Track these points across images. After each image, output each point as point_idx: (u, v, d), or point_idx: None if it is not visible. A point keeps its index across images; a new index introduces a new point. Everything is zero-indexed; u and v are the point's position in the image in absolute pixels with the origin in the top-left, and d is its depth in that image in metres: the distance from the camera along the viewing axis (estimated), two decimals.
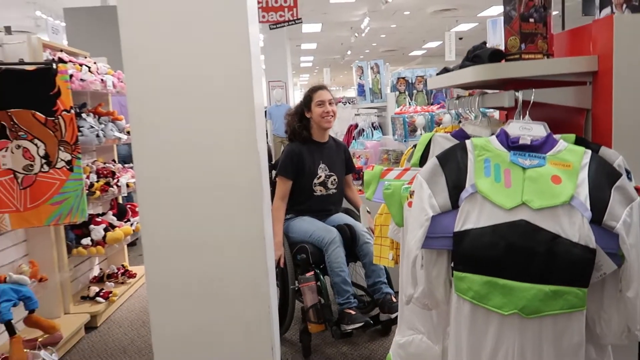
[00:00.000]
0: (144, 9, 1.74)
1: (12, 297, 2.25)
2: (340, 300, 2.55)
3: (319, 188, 2.81)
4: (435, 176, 1.35)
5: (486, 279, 1.25)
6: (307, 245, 2.65)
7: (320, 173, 2.81)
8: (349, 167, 2.99)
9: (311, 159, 2.80)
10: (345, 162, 2.96)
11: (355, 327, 2.45)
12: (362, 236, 2.68)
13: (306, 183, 2.79)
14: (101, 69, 3.37)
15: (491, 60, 1.43)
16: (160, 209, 1.82)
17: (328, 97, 2.81)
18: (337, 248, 2.57)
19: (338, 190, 2.87)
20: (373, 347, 2.69)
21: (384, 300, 2.58)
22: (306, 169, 2.78)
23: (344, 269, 2.56)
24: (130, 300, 3.58)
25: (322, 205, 2.84)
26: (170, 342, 1.88)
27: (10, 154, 2.60)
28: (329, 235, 2.61)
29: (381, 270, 2.65)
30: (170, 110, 1.78)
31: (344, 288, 2.54)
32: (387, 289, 2.62)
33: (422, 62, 20.87)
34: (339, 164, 2.90)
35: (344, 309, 2.52)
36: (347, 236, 2.66)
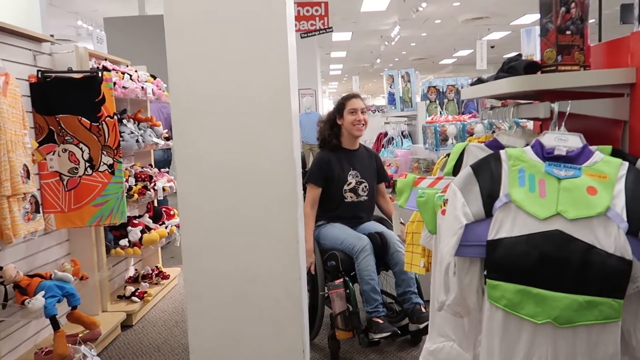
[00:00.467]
0: (189, 21, 1.82)
1: (57, 293, 2.36)
2: (368, 308, 2.57)
3: (349, 194, 2.84)
4: (469, 185, 1.38)
5: (519, 287, 1.27)
6: (338, 253, 2.67)
7: (351, 180, 2.84)
8: (381, 176, 3.02)
9: (341, 166, 2.84)
10: (377, 170, 2.98)
11: (382, 336, 2.46)
12: (394, 244, 2.68)
13: (336, 189, 2.82)
14: (141, 76, 3.50)
15: (527, 72, 1.45)
16: (199, 213, 1.90)
17: (361, 105, 2.85)
18: (367, 256, 2.59)
19: (369, 197, 2.89)
20: (402, 355, 2.70)
21: (413, 310, 2.58)
22: (335, 176, 2.81)
23: (373, 277, 2.58)
24: (164, 301, 3.69)
25: (353, 211, 2.86)
26: (205, 341, 1.95)
27: (57, 157, 2.73)
28: (359, 243, 2.63)
29: (411, 279, 2.65)
30: (211, 117, 1.86)
31: (372, 297, 2.56)
32: (417, 298, 2.62)
33: (453, 71, 20.72)
34: (371, 171, 2.93)
35: (372, 318, 2.53)
36: (378, 244, 2.67)
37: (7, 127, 2.17)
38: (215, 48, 1.83)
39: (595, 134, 1.51)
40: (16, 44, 2.59)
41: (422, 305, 2.59)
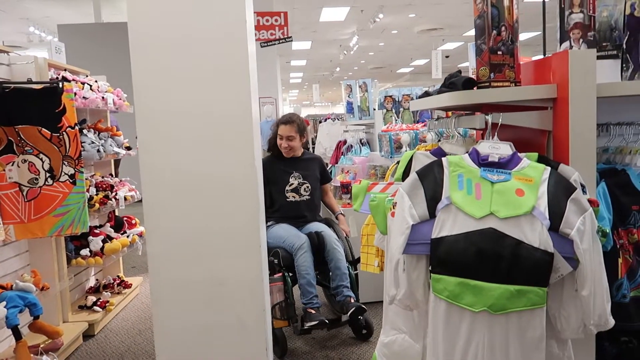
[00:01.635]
0: (151, 34, 1.91)
1: (18, 303, 2.36)
2: (304, 300, 2.82)
3: (291, 194, 3.15)
4: (415, 189, 1.53)
5: (459, 280, 1.42)
6: (280, 250, 2.93)
7: (293, 181, 3.17)
8: (324, 177, 3.36)
9: (283, 170, 3.17)
10: (320, 172, 3.32)
11: (312, 324, 2.70)
12: (330, 243, 2.96)
13: (277, 190, 3.14)
14: (101, 87, 3.52)
15: (465, 87, 1.61)
16: (163, 221, 1.97)
17: (286, 133, 3.16)
18: (304, 253, 2.86)
19: (312, 196, 3.20)
20: (360, 352, 2.84)
21: (344, 301, 2.84)
22: (276, 178, 3.13)
23: (309, 272, 2.84)
24: (126, 310, 3.69)
25: (296, 210, 3.15)
26: (171, 342, 2.01)
27: (17, 167, 2.72)
28: (298, 241, 2.90)
29: (344, 274, 2.92)
30: (174, 127, 1.95)
31: (308, 289, 2.82)
32: (348, 291, 2.88)
33: (410, 79, 21.29)
34: (313, 174, 3.25)
35: (306, 308, 2.79)
36: (315, 243, 2.96)
37: None
38: (177, 60, 1.92)
39: (524, 142, 1.70)
40: None
41: (352, 297, 2.86)
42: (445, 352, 1.47)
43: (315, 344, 2.97)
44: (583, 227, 1.37)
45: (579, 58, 1.50)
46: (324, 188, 3.38)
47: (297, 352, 2.89)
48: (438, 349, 1.48)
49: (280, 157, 3.23)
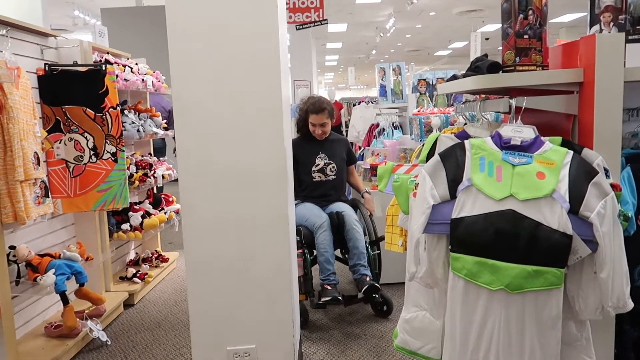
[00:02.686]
0: (188, 22, 1.99)
1: (66, 271, 2.55)
2: (321, 276, 2.93)
3: (317, 175, 3.25)
4: (437, 171, 1.57)
5: (477, 259, 1.46)
6: (302, 228, 3.04)
7: (319, 162, 3.25)
8: (350, 159, 3.44)
9: (310, 150, 3.26)
10: (347, 154, 3.39)
11: (326, 299, 2.80)
12: (350, 223, 3.05)
13: (304, 171, 3.22)
14: (141, 69, 3.66)
15: (489, 72, 1.63)
16: (198, 199, 2.08)
17: (320, 121, 3.24)
18: (324, 232, 2.98)
19: (337, 176, 3.29)
20: (378, 327, 2.92)
21: (359, 279, 2.94)
22: (303, 159, 3.20)
23: (327, 250, 2.94)
24: (163, 282, 3.89)
25: (322, 190, 3.25)
26: (204, 315, 2.14)
27: (64, 145, 2.90)
28: (319, 220, 3.01)
29: (362, 254, 3.00)
30: (209, 111, 2.04)
31: (325, 266, 2.92)
32: (365, 270, 2.97)
33: (448, 62, 20.85)
34: (339, 154, 3.33)
35: (323, 284, 2.89)
36: (335, 222, 3.06)
37: (20, 117, 2.35)
38: (210, 45, 2.00)
39: (550, 126, 1.71)
40: (25, 39, 2.76)
41: (368, 276, 2.93)
42: (462, 328, 1.52)
43: (336, 318, 3.08)
44: (604, 211, 1.39)
45: (606, 42, 1.50)
46: (350, 169, 3.47)
47: (317, 324, 2.99)
48: (455, 326, 1.54)
49: (308, 138, 3.31)
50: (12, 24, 2.52)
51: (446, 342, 1.60)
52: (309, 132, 3.30)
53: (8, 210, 2.31)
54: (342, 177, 3.35)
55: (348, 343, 2.74)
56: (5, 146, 2.30)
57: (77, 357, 2.68)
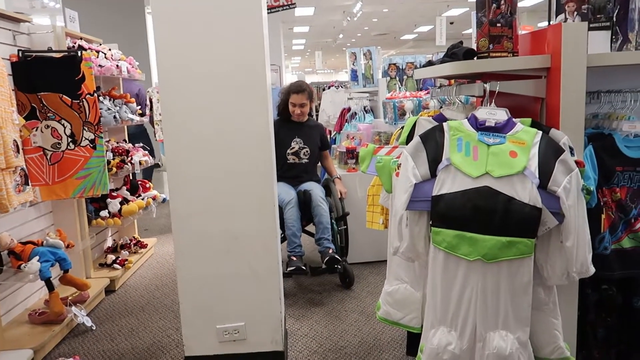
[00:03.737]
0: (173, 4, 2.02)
1: (50, 258, 2.56)
2: (288, 248, 3.17)
3: (291, 157, 3.46)
4: (418, 151, 1.68)
5: (456, 232, 1.59)
6: None
7: (294, 145, 3.46)
8: (324, 144, 3.64)
9: (287, 134, 3.44)
10: (320, 139, 3.60)
11: (292, 269, 3.04)
12: (316, 200, 3.27)
13: (280, 152, 3.35)
14: (115, 55, 3.63)
15: (465, 58, 1.74)
16: (185, 180, 2.13)
17: (299, 101, 3.44)
18: (291, 208, 3.22)
19: (310, 161, 3.51)
20: (341, 296, 3.07)
21: (323, 252, 3.18)
22: (279, 141, 3.28)
23: (294, 225, 3.19)
24: (143, 268, 3.91)
25: (295, 172, 3.47)
26: (193, 290, 2.21)
27: (40, 133, 2.87)
28: (287, 197, 3.25)
29: (326, 229, 3.24)
30: (196, 92, 2.08)
31: (292, 239, 3.17)
32: (329, 243, 3.20)
33: (414, 46, 21.08)
34: (314, 140, 3.53)
35: (290, 256, 3.13)
36: (302, 199, 3.30)
37: None
38: (197, 28, 2.03)
39: (520, 108, 1.84)
40: None
41: (331, 249, 3.18)
42: (442, 296, 1.65)
43: (316, 296, 3.24)
44: (569, 186, 1.52)
45: (571, 30, 1.63)
46: (324, 154, 3.67)
47: (298, 302, 3.14)
48: (436, 295, 1.67)
49: (286, 121, 3.50)
50: None
51: (427, 310, 1.72)
52: (288, 115, 3.48)
53: None
54: (314, 161, 3.56)
55: (330, 319, 2.86)
56: None
57: (63, 342, 2.70)
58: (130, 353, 2.58)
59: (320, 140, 3.60)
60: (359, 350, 2.51)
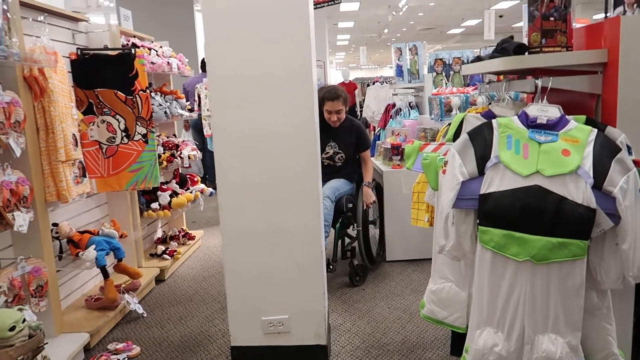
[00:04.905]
0: (223, 6, 2.07)
1: (105, 247, 2.69)
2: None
3: (326, 161, 3.44)
4: (465, 148, 1.65)
5: (505, 232, 1.55)
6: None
7: (329, 150, 3.44)
8: (361, 145, 3.52)
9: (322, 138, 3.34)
10: (357, 140, 3.48)
11: None
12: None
13: None
14: (165, 52, 3.74)
15: (516, 53, 1.70)
16: (233, 175, 2.19)
17: (335, 108, 3.37)
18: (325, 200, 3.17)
19: (344, 164, 3.47)
20: (407, 301, 3.04)
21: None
22: None
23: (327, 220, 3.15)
24: (191, 259, 4.04)
25: (328, 172, 3.39)
26: (239, 283, 2.26)
27: (97, 127, 3.01)
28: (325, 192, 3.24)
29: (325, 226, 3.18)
30: (244, 90, 2.13)
31: None
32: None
33: (460, 40, 20.59)
34: (349, 143, 3.45)
35: None
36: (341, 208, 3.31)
37: (59, 101, 2.46)
38: (246, 25, 2.08)
39: (574, 105, 1.78)
40: (57, 24, 2.85)
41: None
42: (489, 297, 1.62)
43: (345, 283, 3.32)
44: (626, 186, 1.46)
45: (631, 24, 1.56)
46: (362, 156, 3.54)
47: (341, 297, 3.12)
48: (483, 295, 1.64)
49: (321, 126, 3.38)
50: (47, 10, 2.61)
51: (473, 310, 1.70)
52: (323, 119, 3.38)
53: (51, 190, 2.44)
54: (348, 164, 3.50)
55: (372, 315, 2.86)
56: (47, 128, 2.41)
57: (116, 327, 2.84)
58: (179, 340, 2.68)
59: (357, 141, 3.48)
60: (402, 348, 2.51)
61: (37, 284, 2.29)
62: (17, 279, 2.19)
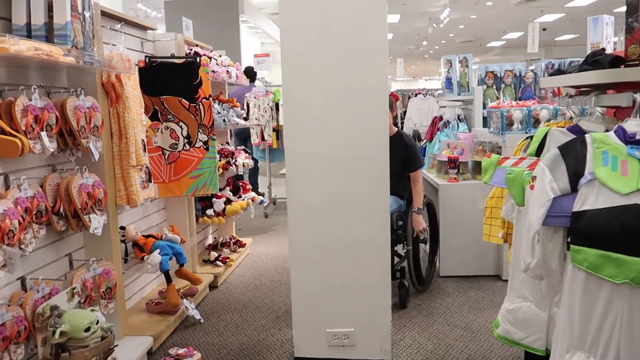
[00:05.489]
0: (301, 21, 2.08)
1: (168, 252, 2.72)
2: None
3: None
4: (556, 164, 1.60)
5: (600, 252, 1.48)
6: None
7: None
8: (410, 165, 3.24)
9: None
10: (405, 159, 3.20)
11: None
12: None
13: None
14: (224, 61, 3.80)
15: (612, 66, 1.64)
16: (302, 185, 2.19)
17: None
18: None
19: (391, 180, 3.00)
20: (467, 319, 2.95)
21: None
22: None
23: None
24: (241, 267, 4.05)
25: None
26: (305, 296, 2.25)
27: (160, 133, 3.07)
28: None
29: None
30: (317, 101, 2.13)
31: None
32: None
33: (500, 54, 20.30)
34: (396, 162, 2.91)
35: None
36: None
37: (132, 107, 2.51)
38: (322, 41, 2.09)
39: None
40: (128, 33, 2.93)
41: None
42: (581, 319, 1.55)
43: (415, 307, 3.15)
44: None
45: None
46: (412, 177, 3.27)
47: (398, 313, 3.06)
48: (574, 316, 1.57)
49: None
50: (123, 18, 2.69)
51: (562, 333, 1.62)
52: None
53: (122, 194, 2.48)
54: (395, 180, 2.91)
55: (432, 332, 2.80)
56: (121, 134, 2.47)
57: (175, 332, 2.86)
58: (238, 348, 2.68)
59: (407, 158, 3.21)
60: None
61: (107, 285, 2.33)
62: (89, 280, 2.24)
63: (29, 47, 1.59)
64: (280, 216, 5.89)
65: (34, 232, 1.91)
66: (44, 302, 1.94)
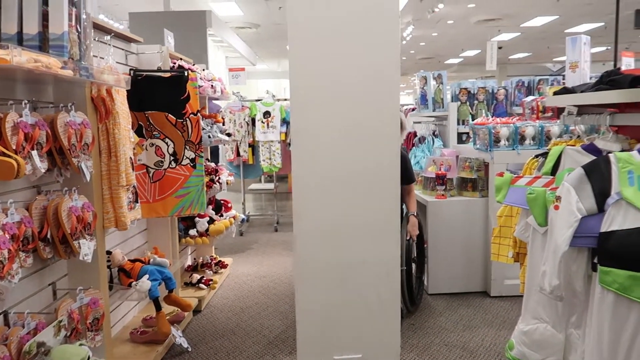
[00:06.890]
0: (309, 26, 2.01)
1: (157, 277, 2.55)
2: None
3: None
4: (581, 184, 1.59)
5: (630, 273, 1.47)
6: None
7: None
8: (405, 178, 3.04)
9: None
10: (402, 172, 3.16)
11: None
12: None
13: None
14: (207, 75, 3.67)
15: (632, 86, 1.65)
16: (311, 205, 2.10)
17: None
18: None
19: None
20: (474, 341, 2.92)
21: None
22: None
23: None
24: (222, 288, 3.88)
25: None
26: (311, 322, 2.14)
27: (145, 150, 2.90)
28: None
29: None
30: (325, 119, 2.06)
31: None
32: None
33: (457, 70, 20.92)
34: None
35: None
36: None
37: (122, 123, 2.36)
38: (331, 56, 2.02)
39: None
40: (113, 44, 2.76)
41: None
42: (610, 341, 1.53)
43: (424, 328, 3.07)
44: None
45: None
46: (406, 188, 3.21)
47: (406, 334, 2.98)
48: (603, 339, 1.55)
49: None
50: (111, 30, 2.53)
51: (591, 356, 1.60)
52: None
53: (110, 216, 2.31)
54: None
55: (430, 353, 2.74)
56: (110, 151, 2.30)
57: None
58: None
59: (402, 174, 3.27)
60: None
61: (94, 316, 2.15)
62: (75, 311, 2.05)
63: (29, 58, 1.44)
64: (255, 233, 5.74)
65: (20, 261, 1.73)
66: (31, 338, 1.76)
